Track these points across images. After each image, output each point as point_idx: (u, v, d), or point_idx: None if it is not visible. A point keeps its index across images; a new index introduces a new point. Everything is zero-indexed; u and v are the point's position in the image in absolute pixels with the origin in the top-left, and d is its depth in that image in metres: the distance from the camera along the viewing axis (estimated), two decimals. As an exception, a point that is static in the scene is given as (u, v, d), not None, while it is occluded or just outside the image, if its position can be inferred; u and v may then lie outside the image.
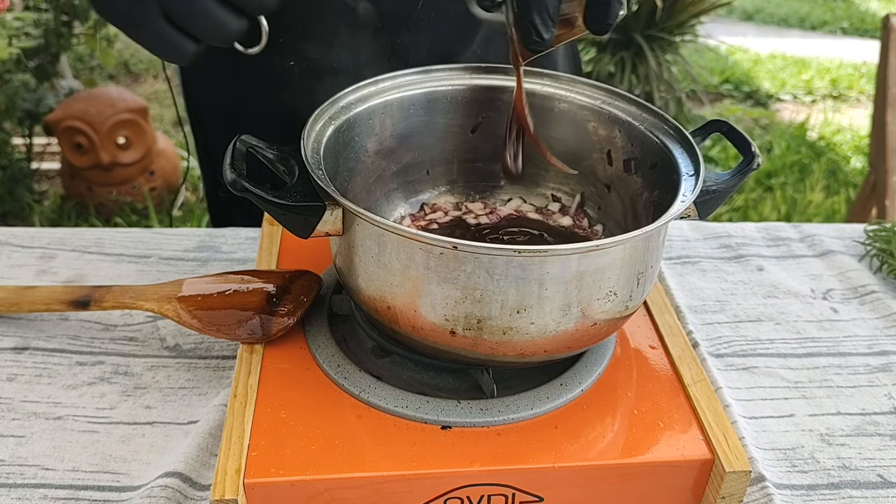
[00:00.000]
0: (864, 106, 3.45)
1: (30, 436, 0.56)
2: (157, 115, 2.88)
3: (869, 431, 0.60)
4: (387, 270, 0.48)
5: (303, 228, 0.49)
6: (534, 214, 0.67)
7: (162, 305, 0.59)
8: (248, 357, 0.55)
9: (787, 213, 2.49)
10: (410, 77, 0.62)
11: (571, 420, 0.52)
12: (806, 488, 0.55)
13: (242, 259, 0.76)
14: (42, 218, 2.21)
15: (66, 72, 2.65)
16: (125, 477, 0.53)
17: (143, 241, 0.78)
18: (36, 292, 0.63)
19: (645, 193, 0.59)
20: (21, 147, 2.30)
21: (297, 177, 0.50)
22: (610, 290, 0.48)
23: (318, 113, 0.56)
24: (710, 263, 0.79)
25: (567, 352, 0.52)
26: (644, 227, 0.46)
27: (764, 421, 0.61)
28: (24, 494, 0.52)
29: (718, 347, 0.68)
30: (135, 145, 2.20)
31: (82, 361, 0.63)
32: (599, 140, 0.62)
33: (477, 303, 0.46)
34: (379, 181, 0.64)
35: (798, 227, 0.86)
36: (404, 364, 0.56)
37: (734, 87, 3.54)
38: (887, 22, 1.66)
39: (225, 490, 0.45)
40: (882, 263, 0.79)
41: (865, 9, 4.80)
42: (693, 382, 0.55)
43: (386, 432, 0.50)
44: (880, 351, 0.68)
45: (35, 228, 0.79)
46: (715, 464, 0.50)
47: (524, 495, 0.49)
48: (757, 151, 0.55)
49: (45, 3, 2.24)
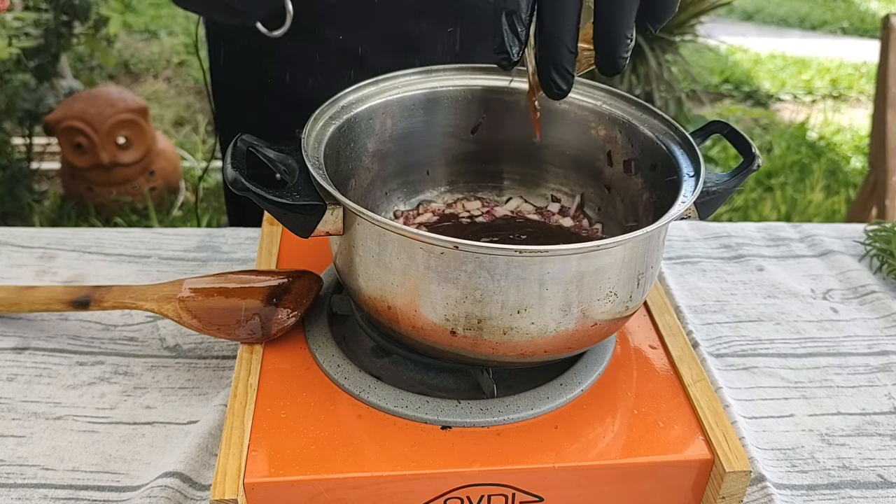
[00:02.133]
0: (864, 106, 3.45)
1: (30, 436, 0.56)
2: (157, 115, 2.88)
3: (869, 431, 0.60)
4: (387, 270, 0.48)
5: (303, 228, 0.49)
6: (533, 215, 0.67)
7: (162, 305, 0.59)
8: (248, 357, 0.55)
9: (787, 213, 2.49)
10: (411, 77, 0.62)
11: (571, 420, 0.52)
12: (806, 488, 0.55)
13: (242, 259, 0.76)
14: (42, 218, 2.21)
15: (66, 72, 2.65)
16: (125, 477, 0.53)
17: (143, 241, 0.78)
18: (36, 292, 0.63)
19: (645, 194, 0.59)
20: (21, 147, 2.30)
21: (297, 176, 0.50)
22: (610, 290, 0.48)
23: (319, 112, 0.56)
24: (710, 263, 0.79)
25: (567, 352, 0.52)
26: (644, 228, 0.46)
27: (764, 421, 0.61)
28: (24, 494, 0.52)
29: (718, 347, 0.68)
30: (135, 145, 2.20)
31: (82, 361, 0.63)
32: (600, 141, 0.62)
33: (477, 303, 0.46)
34: (379, 181, 0.64)
35: (798, 227, 0.86)
36: (404, 364, 0.56)
37: (734, 87, 3.54)
38: (887, 22, 1.66)
39: (225, 490, 0.45)
40: (882, 263, 0.79)
41: (865, 9, 4.80)
42: (693, 382, 0.55)
43: (386, 432, 0.50)
44: (880, 351, 0.68)
45: (35, 228, 0.79)
46: (715, 464, 0.50)
47: (524, 495, 0.49)
48: (757, 153, 0.55)
49: (45, 3, 2.24)
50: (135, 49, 3.43)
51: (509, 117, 0.64)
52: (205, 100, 3.03)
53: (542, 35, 0.46)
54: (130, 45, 3.46)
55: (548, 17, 0.45)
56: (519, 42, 0.45)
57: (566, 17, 0.44)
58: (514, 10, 0.45)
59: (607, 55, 0.46)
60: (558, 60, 0.46)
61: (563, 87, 0.47)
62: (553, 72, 0.46)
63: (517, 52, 0.46)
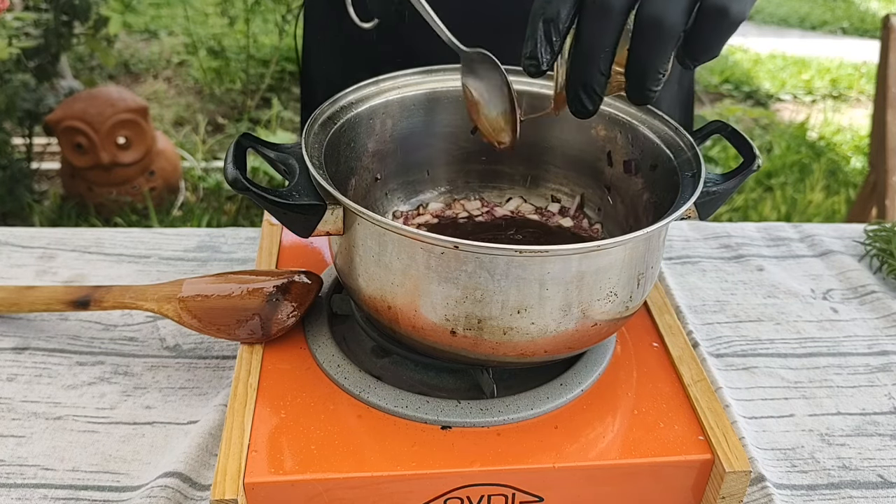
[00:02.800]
0: (864, 106, 3.45)
1: (30, 436, 0.56)
2: (157, 115, 2.88)
3: (869, 431, 0.60)
4: (387, 270, 0.48)
5: (304, 228, 0.49)
6: (533, 215, 0.67)
7: (162, 305, 0.59)
8: (248, 357, 0.55)
9: (787, 213, 2.49)
10: (411, 77, 0.62)
11: (571, 420, 0.52)
12: (806, 488, 0.55)
13: (242, 259, 0.76)
14: (42, 218, 2.21)
15: (66, 72, 2.65)
16: (125, 477, 0.53)
17: (143, 241, 0.78)
18: (36, 292, 0.63)
19: (645, 194, 0.59)
20: (21, 147, 2.30)
21: (297, 176, 0.50)
22: (610, 290, 0.48)
23: (319, 112, 0.56)
24: (710, 263, 0.79)
25: (567, 352, 0.52)
26: (645, 228, 0.46)
27: (764, 421, 0.61)
28: (24, 494, 0.52)
29: (718, 347, 0.68)
30: (135, 145, 2.20)
31: (82, 361, 0.63)
32: (600, 141, 0.62)
33: (477, 303, 0.46)
34: (379, 181, 0.64)
35: (798, 227, 0.86)
36: (404, 364, 0.56)
37: (734, 87, 3.54)
38: (887, 22, 1.66)
39: (225, 490, 0.45)
40: (882, 263, 0.79)
41: (865, 9, 4.80)
42: (693, 382, 0.55)
43: (386, 432, 0.50)
44: (880, 351, 0.68)
45: (35, 228, 0.79)
46: (715, 464, 0.50)
47: (524, 495, 0.49)
48: (758, 153, 0.55)
49: (45, 3, 2.24)
50: (135, 49, 3.43)
51: (509, 117, 0.64)
52: (204, 99, 3.04)
53: (577, 51, 0.44)
54: (130, 45, 3.46)
55: (586, 33, 0.43)
56: (552, 51, 0.43)
57: (605, 38, 0.42)
58: (552, 18, 0.42)
59: (637, 86, 0.44)
60: (588, 81, 0.44)
61: (590, 108, 0.45)
62: (581, 91, 0.44)
63: (548, 62, 0.43)
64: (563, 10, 0.42)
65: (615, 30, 0.43)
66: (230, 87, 3.08)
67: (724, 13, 0.41)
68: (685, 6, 0.42)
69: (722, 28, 0.42)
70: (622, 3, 0.42)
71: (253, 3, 2.85)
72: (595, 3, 0.42)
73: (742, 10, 0.42)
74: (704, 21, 0.42)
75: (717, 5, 0.41)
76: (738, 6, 0.41)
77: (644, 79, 0.44)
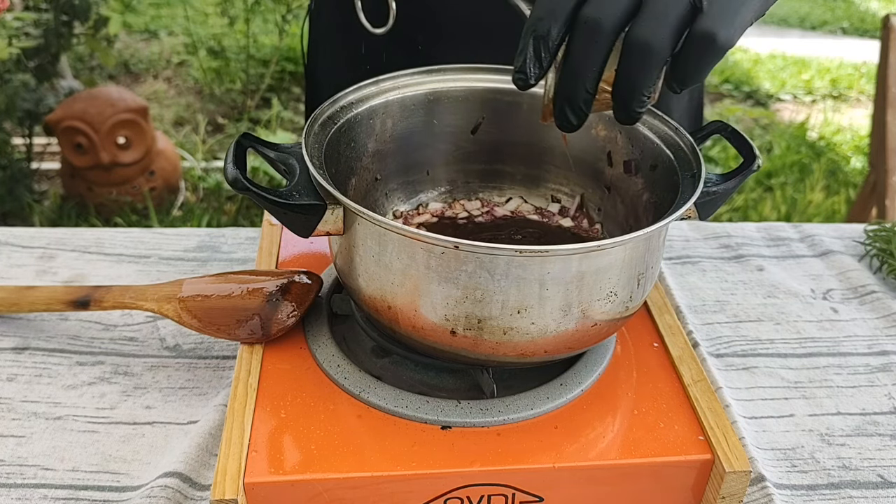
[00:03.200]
0: (864, 106, 3.45)
1: (30, 436, 0.56)
2: (157, 115, 2.88)
3: (869, 431, 0.60)
4: (387, 270, 0.48)
5: (304, 227, 0.49)
6: (533, 215, 0.67)
7: (162, 305, 0.59)
8: (248, 357, 0.55)
9: (787, 213, 2.49)
10: (411, 77, 0.62)
11: (571, 420, 0.52)
12: (806, 488, 0.55)
13: (242, 259, 0.76)
14: (42, 218, 2.21)
15: (66, 72, 2.65)
16: (125, 477, 0.53)
17: (143, 241, 0.78)
18: (36, 292, 0.63)
19: (645, 194, 0.59)
20: (21, 147, 2.30)
21: (298, 176, 0.50)
22: (610, 290, 0.48)
23: (319, 112, 0.56)
24: (710, 263, 0.79)
25: (567, 352, 0.52)
26: (645, 228, 0.46)
27: (764, 421, 0.61)
28: (24, 494, 0.52)
29: (718, 347, 0.68)
30: (135, 145, 2.20)
31: (82, 361, 0.63)
32: (600, 141, 0.62)
33: (478, 303, 0.46)
34: (379, 181, 0.64)
35: (798, 227, 0.86)
36: (404, 364, 0.56)
37: (734, 87, 3.54)
38: (887, 22, 1.66)
39: (225, 490, 0.45)
40: (882, 263, 0.79)
41: (865, 9, 4.80)
42: (693, 382, 0.55)
43: (386, 432, 0.50)
44: (880, 351, 0.68)
45: (35, 228, 0.79)
46: (715, 464, 0.50)
47: (524, 495, 0.49)
48: (758, 153, 0.55)
49: (45, 3, 2.24)
50: (135, 49, 3.43)
51: (510, 117, 0.64)
52: (204, 99, 3.04)
53: (566, 68, 0.45)
54: (130, 45, 3.46)
55: (575, 51, 0.44)
56: (541, 67, 0.44)
57: (593, 58, 0.43)
58: (543, 35, 0.43)
59: (622, 106, 0.45)
60: (574, 97, 0.45)
61: (574, 123, 0.46)
62: (567, 106, 0.45)
63: (536, 77, 0.44)
64: (555, 29, 0.43)
65: (604, 50, 0.43)
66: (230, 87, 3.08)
67: (712, 39, 0.42)
68: (674, 31, 0.42)
69: (709, 54, 0.43)
70: (612, 25, 0.43)
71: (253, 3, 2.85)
72: (586, 23, 0.43)
73: (730, 37, 0.42)
74: (692, 46, 0.43)
75: (706, 31, 0.42)
76: (725, 33, 0.42)
77: (630, 100, 0.44)
